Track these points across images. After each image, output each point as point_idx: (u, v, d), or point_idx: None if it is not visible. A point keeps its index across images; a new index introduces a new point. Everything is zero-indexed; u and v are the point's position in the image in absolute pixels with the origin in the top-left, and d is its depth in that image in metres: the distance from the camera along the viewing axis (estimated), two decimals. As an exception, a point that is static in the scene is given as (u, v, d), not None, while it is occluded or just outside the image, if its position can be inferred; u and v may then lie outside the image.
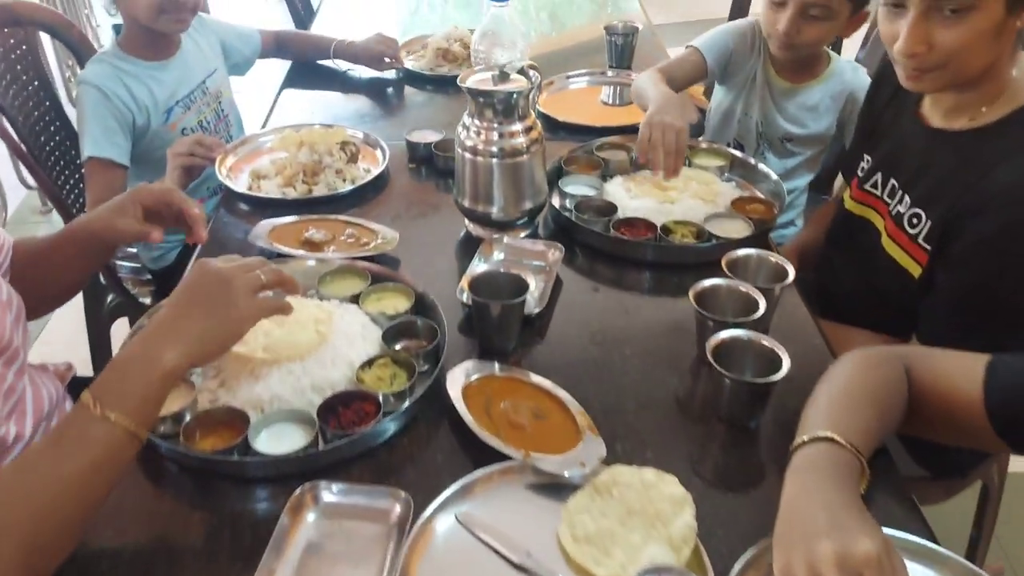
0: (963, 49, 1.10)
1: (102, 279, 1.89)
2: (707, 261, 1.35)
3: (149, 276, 2.00)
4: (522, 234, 1.43)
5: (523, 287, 1.16)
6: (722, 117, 1.86)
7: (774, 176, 1.54)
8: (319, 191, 1.57)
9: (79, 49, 1.98)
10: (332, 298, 1.22)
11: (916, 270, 1.27)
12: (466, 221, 1.46)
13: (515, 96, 1.31)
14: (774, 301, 1.16)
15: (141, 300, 1.95)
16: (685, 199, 1.47)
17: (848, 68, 1.75)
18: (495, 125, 1.33)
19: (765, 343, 1.04)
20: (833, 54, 1.76)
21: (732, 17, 2.96)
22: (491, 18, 1.49)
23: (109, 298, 1.94)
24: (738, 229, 1.40)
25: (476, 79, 1.34)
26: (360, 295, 1.22)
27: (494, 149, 1.34)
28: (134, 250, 1.98)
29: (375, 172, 1.62)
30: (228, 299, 0.93)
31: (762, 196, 1.52)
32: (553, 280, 1.29)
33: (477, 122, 1.34)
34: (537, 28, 2.52)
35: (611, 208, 1.44)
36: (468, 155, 1.36)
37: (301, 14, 2.66)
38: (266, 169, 1.64)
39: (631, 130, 1.75)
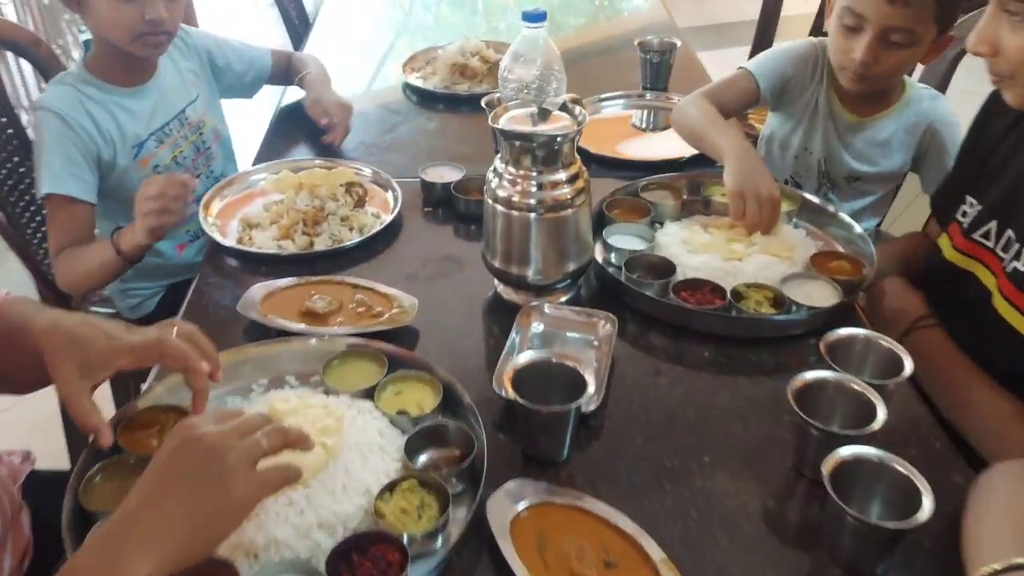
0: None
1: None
2: (790, 335, 1.13)
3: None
4: (563, 298, 1.21)
5: (579, 385, 0.94)
6: (778, 150, 1.63)
7: (857, 228, 1.31)
8: (322, 243, 1.35)
9: (48, 70, 1.75)
10: (341, 393, 0.99)
11: None
12: (496, 282, 1.23)
13: (559, 140, 1.08)
14: (887, 399, 0.94)
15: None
16: (754, 254, 1.25)
17: (926, 96, 1.52)
18: (534, 173, 1.10)
19: (899, 469, 0.82)
20: (910, 83, 1.53)
21: (762, 18, 2.74)
22: (523, 41, 1.27)
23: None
24: (823, 295, 1.17)
25: (510, 117, 1.11)
26: (376, 388, 0.99)
27: (532, 202, 1.11)
28: (105, 292, 1.76)
29: (386, 219, 1.39)
30: (221, 479, 0.71)
31: (844, 251, 1.30)
32: (609, 364, 1.07)
33: (512, 169, 1.11)
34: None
35: (667, 266, 1.22)
36: (501, 208, 1.13)
37: (295, 24, 2.42)
38: (259, 216, 1.41)
39: (676, 166, 1.55)
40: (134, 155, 1.55)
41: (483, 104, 1.58)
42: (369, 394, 0.99)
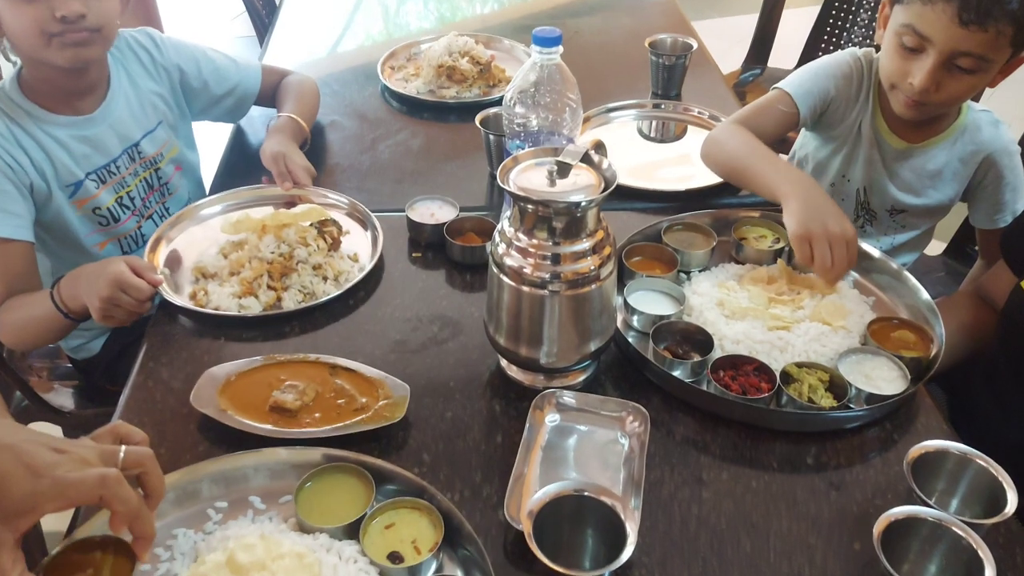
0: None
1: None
2: (852, 428, 0.96)
3: (70, 365, 1.56)
4: (580, 378, 1.02)
5: (614, 527, 0.75)
6: (813, 172, 1.44)
7: (924, 295, 1.12)
8: (291, 299, 1.15)
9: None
10: (318, 531, 0.80)
11: None
12: (500, 359, 1.04)
13: (583, 206, 0.88)
14: (987, 540, 0.77)
15: (58, 404, 1.51)
16: (803, 322, 1.06)
17: (985, 122, 1.33)
18: (550, 243, 0.91)
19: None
20: (967, 105, 1.33)
21: (763, 14, 2.52)
22: (534, 69, 1.05)
23: (16, 396, 1.50)
24: (887, 376, 0.99)
25: (522, 176, 0.91)
26: (361, 523, 0.80)
27: (547, 276, 0.91)
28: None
29: (367, 267, 1.19)
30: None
31: (906, 316, 1.12)
32: (642, 473, 0.88)
33: (523, 237, 0.91)
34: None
35: (703, 339, 1.03)
36: (509, 281, 0.93)
37: (260, 13, 2.16)
38: (216, 265, 1.20)
39: (700, 197, 1.35)
40: (69, 195, 1.30)
41: (478, 123, 1.37)
42: (353, 529, 0.80)
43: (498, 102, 1.57)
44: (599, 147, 0.96)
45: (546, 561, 0.73)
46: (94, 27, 1.21)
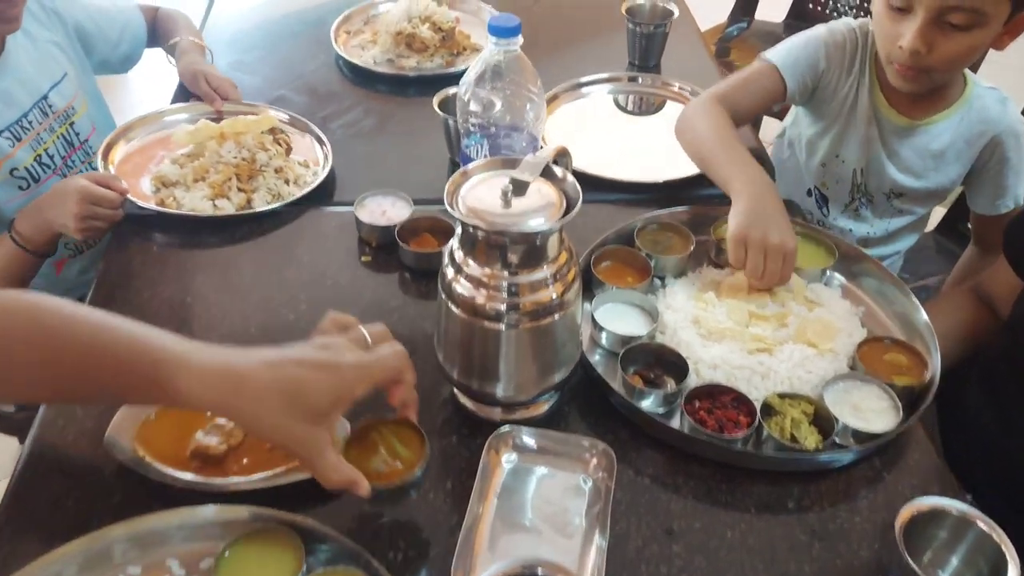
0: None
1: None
2: (838, 468, 0.88)
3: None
4: (543, 408, 0.93)
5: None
6: (802, 154, 1.33)
7: (923, 317, 1.01)
8: (261, 200, 1.20)
9: None
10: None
11: None
12: (455, 390, 0.94)
13: (539, 237, 0.77)
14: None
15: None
16: (787, 343, 0.97)
17: (992, 99, 1.22)
18: (506, 274, 0.80)
19: None
20: (971, 78, 1.23)
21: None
22: (490, 60, 0.93)
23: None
24: (879, 408, 0.90)
25: (474, 194, 0.79)
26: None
27: (503, 308, 0.81)
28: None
29: (320, 175, 1.24)
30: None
31: (898, 329, 1.03)
32: (607, 522, 0.80)
33: (476, 266, 0.81)
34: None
35: (676, 361, 0.94)
36: (460, 312, 0.83)
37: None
38: (176, 174, 1.23)
39: (680, 189, 1.24)
40: None
41: (436, 106, 1.24)
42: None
43: (460, 76, 1.44)
44: (563, 155, 0.84)
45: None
46: None
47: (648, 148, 1.36)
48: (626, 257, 1.08)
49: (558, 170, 0.82)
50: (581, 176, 1.20)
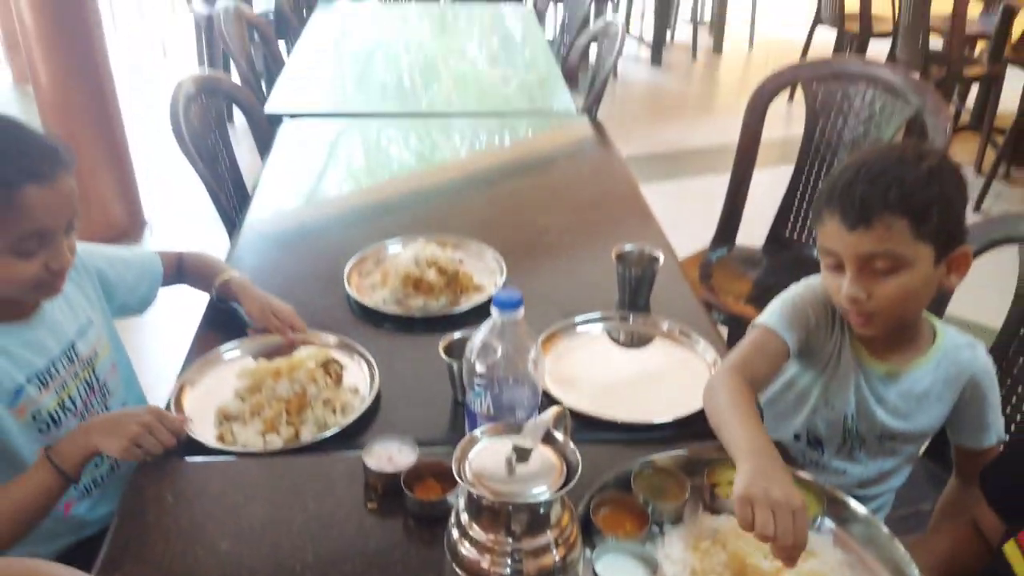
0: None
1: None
2: None
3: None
4: (545, 668, 0.94)
5: None
6: (795, 398, 1.40)
7: (914, 572, 1.04)
8: (308, 432, 1.30)
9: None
10: None
11: None
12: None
13: (543, 507, 0.82)
14: None
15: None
16: (788, 594, 0.99)
17: (964, 345, 1.33)
18: (510, 541, 0.84)
19: None
20: (940, 326, 1.34)
21: (730, 193, 2.54)
22: (494, 330, 1.02)
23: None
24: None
25: (478, 463, 0.85)
26: None
27: (507, 572, 0.84)
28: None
29: (367, 399, 1.36)
30: None
31: (889, 580, 1.06)
32: None
33: (481, 531, 0.85)
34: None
35: (678, 619, 0.96)
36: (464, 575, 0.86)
37: (226, 205, 2.16)
38: (236, 408, 1.34)
39: (675, 430, 1.30)
40: (12, 402, 1.26)
41: (441, 351, 1.33)
42: None
43: (464, 316, 1.56)
44: (561, 419, 0.91)
45: None
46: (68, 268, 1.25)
47: (642, 385, 1.43)
48: (624, 504, 1.12)
49: (558, 435, 0.89)
50: (578, 416, 1.29)
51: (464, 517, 0.87)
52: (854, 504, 1.14)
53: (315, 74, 3.08)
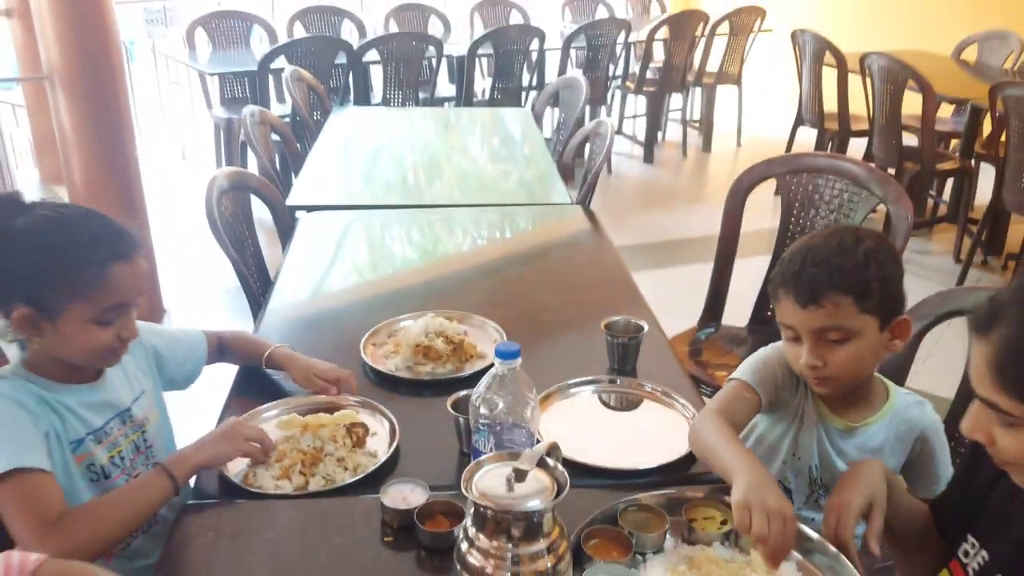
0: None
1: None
2: None
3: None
4: (541, 670, 1.07)
5: None
6: (766, 451, 1.56)
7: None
8: (315, 484, 1.45)
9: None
10: None
11: None
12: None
13: (537, 514, 0.99)
14: None
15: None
16: (749, 610, 1.14)
17: (912, 404, 1.50)
18: (509, 546, 1.00)
19: None
20: (892, 387, 1.52)
21: (714, 276, 2.75)
22: (495, 378, 1.21)
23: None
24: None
25: (483, 480, 1.02)
26: None
27: (507, 575, 1.00)
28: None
29: (389, 450, 1.52)
30: None
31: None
32: None
33: (485, 539, 1.01)
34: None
35: (656, 628, 1.10)
36: (471, 579, 1.02)
37: (254, 288, 2.37)
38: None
39: (659, 475, 1.46)
40: (72, 449, 1.43)
41: (449, 407, 1.50)
42: None
43: (468, 379, 1.73)
44: (554, 449, 1.08)
45: None
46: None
47: (628, 438, 1.60)
48: (611, 535, 1.27)
49: (550, 461, 1.06)
50: (571, 464, 1.45)
51: (471, 530, 1.03)
52: (817, 536, 1.29)
53: (330, 172, 3.35)
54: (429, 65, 5.69)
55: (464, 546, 1.03)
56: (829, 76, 5.27)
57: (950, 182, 5.20)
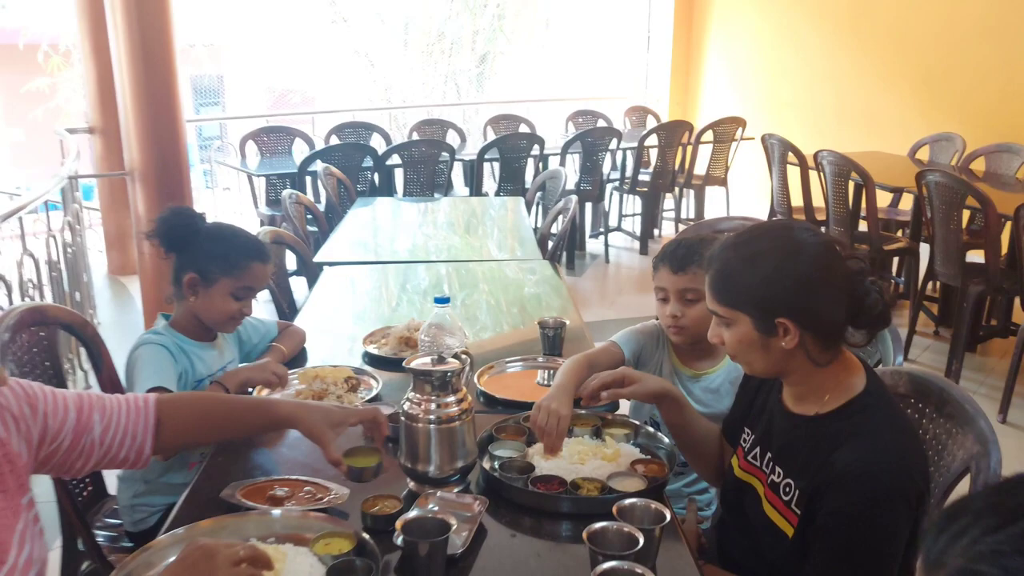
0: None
1: (80, 545, 2.05)
2: (608, 511, 1.61)
3: (127, 543, 2.16)
4: (455, 490, 1.69)
5: (447, 528, 1.40)
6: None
7: (667, 439, 1.84)
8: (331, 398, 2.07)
9: (91, 344, 2.30)
10: (288, 543, 1.44)
11: (789, 531, 1.51)
12: (407, 479, 1.72)
13: (449, 375, 1.64)
14: (655, 541, 1.41)
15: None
16: (593, 460, 1.75)
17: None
18: (432, 398, 1.65)
19: (639, 571, 1.27)
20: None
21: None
22: (435, 315, 1.88)
23: (85, 564, 2.09)
24: (635, 484, 1.67)
25: (419, 362, 1.68)
26: (311, 541, 1.45)
27: (431, 417, 1.64)
28: (117, 522, 2.19)
29: (367, 395, 2.14)
30: (210, 567, 1.14)
31: (659, 458, 1.81)
32: (476, 526, 1.53)
33: (418, 395, 1.66)
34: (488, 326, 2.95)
35: (530, 468, 1.72)
36: (409, 422, 1.66)
37: (285, 311, 3.08)
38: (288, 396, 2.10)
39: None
40: (194, 386, 2.11)
41: (404, 364, 2.15)
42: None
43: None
44: (465, 353, 1.74)
45: (407, 537, 1.37)
46: None
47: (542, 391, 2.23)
48: (514, 429, 1.90)
49: (465, 359, 1.71)
50: (500, 400, 2.08)
51: (411, 394, 1.67)
52: (653, 430, 1.91)
53: (351, 238, 4.11)
54: (444, 168, 6.56)
55: (407, 404, 1.67)
56: (794, 173, 6.02)
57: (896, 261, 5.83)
